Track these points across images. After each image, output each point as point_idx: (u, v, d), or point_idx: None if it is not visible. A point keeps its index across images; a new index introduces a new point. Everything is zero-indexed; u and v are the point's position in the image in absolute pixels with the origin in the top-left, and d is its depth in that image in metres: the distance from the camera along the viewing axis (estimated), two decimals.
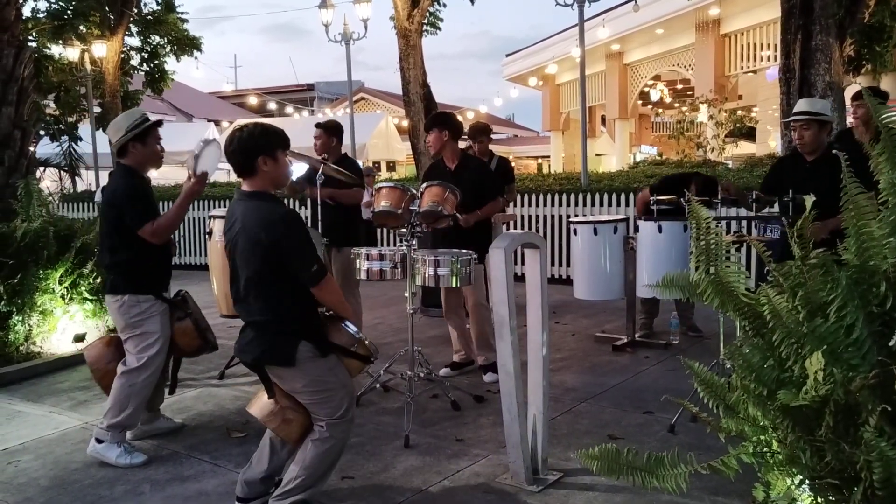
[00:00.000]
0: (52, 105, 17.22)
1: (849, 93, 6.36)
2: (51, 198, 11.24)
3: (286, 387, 2.95)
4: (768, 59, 16.66)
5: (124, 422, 3.73)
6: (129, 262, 3.75)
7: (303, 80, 40.15)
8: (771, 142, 17.58)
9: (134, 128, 3.74)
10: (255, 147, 2.91)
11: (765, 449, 2.06)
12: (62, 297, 5.83)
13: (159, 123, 3.88)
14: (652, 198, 5.21)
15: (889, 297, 1.86)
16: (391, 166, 23.54)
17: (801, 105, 4.45)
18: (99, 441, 3.73)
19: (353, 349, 3.03)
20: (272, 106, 28.47)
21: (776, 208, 4.42)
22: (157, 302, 3.80)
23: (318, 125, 5.74)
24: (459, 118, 5.39)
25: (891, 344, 1.82)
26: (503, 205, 5.48)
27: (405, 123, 12.55)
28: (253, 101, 30.25)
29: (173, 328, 3.89)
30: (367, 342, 3.09)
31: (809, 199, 2.06)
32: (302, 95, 36.37)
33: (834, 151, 2.37)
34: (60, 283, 5.80)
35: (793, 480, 2.02)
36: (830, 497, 1.92)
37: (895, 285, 1.88)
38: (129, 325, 3.76)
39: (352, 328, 3.07)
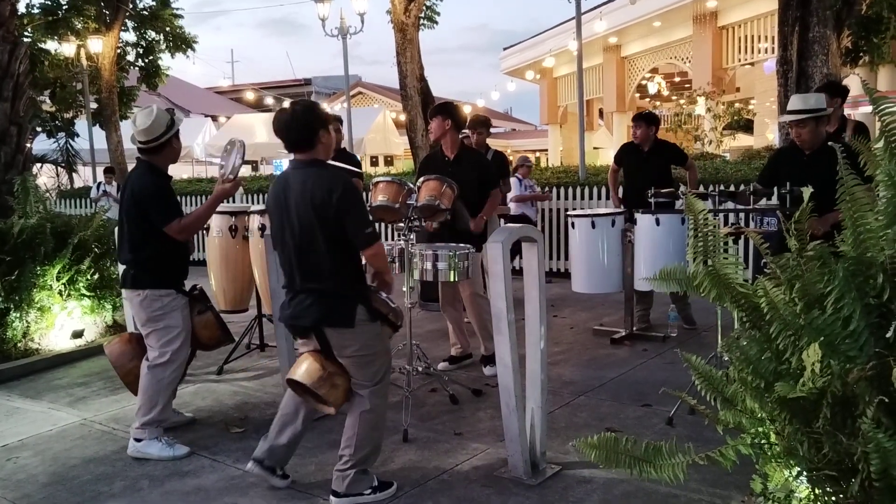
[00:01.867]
0: (49, 101, 17.18)
1: (846, 84, 6.34)
2: (48, 194, 11.24)
3: (338, 350, 3.09)
4: (766, 52, 16.64)
5: (157, 417, 3.76)
6: (153, 257, 3.76)
7: (300, 75, 40.12)
8: (769, 134, 17.57)
9: (173, 123, 3.76)
10: (315, 121, 3.09)
11: (762, 441, 2.07)
12: (60, 293, 5.83)
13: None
14: (650, 191, 5.20)
15: (886, 288, 1.85)
16: (389, 161, 23.51)
17: (795, 103, 4.34)
18: (137, 440, 3.75)
19: (390, 317, 3.23)
20: (269, 101, 28.38)
21: (774, 200, 4.41)
22: (177, 296, 3.82)
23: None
24: None
25: (888, 335, 1.82)
26: (501, 196, 5.49)
27: (403, 117, 12.51)
28: (250, 96, 30.13)
29: (194, 321, 3.92)
30: (399, 312, 3.30)
31: (807, 191, 2.05)
32: (299, 90, 36.27)
33: (829, 143, 2.38)
34: (58, 279, 5.79)
35: (790, 472, 2.03)
36: (828, 488, 1.92)
37: (892, 277, 1.88)
38: (151, 319, 3.78)
39: (385, 297, 3.27)
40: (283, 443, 3.24)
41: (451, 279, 4.27)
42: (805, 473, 1.98)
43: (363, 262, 3.21)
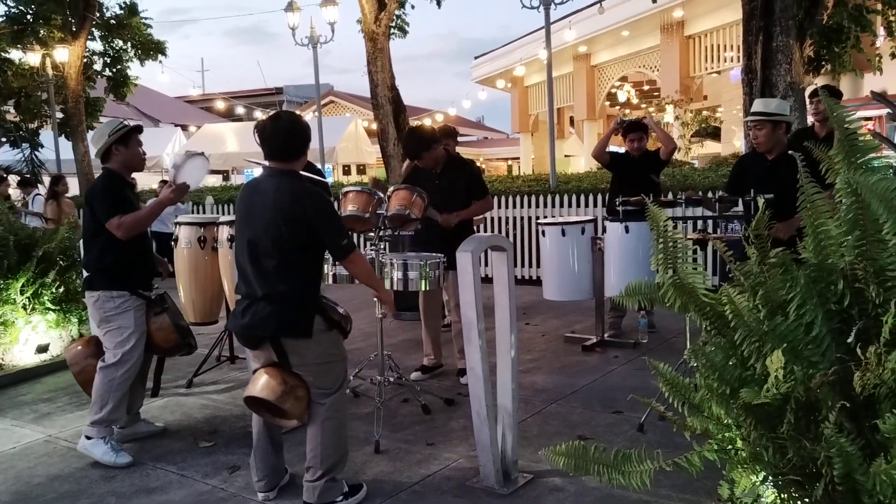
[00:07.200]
0: (13, 111, 16.88)
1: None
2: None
3: (296, 360, 3.09)
4: (731, 60, 16.93)
5: (107, 417, 3.78)
6: (104, 259, 3.83)
7: (271, 84, 39.88)
8: (736, 141, 17.85)
9: (115, 132, 3.87)
10: (300, 136, 3.11)
11: (729, 446, 2.09)
12: (24, 307, 5.70)
13: (139, 129, 3.98)
14: (617, 199, 5.24)
15: (847, 294, 1.89)
16: (361, 169, 23.43)
17: (756, 106, 4.53)
18: (88, 438, 3.80)
19: (341, 323, 3.26)
20: (240, 110, 28.16)
21: (739, 207, 4.47)
22: (131, 297, 3.86)
23: None
24: (428, 121, 5.38)
25: (849, 341, 1.85)
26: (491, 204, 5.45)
27: (374, 126, 12.48)
28: (220, 105, 29.87)
29: (149, 323, 3.94)
30: (348, 318, 3.33)
31: (762, 200, 2.08)
32: (270, 99, 36.07)
33: (790, 152, 2.42)
34: (22, 293, 5.67)
35: (757, 477, 2.05)
36: (793, 493, 1.94)
37: (852, 283, 1.91)
38: (104, 320, 3.84)
39: (333, 304, 3.29)
40: (278, 465, 3.37)
41: (423, 288, 4.26)
42: (771, 478, 2.00)
43: (324, 272, 3.21)
